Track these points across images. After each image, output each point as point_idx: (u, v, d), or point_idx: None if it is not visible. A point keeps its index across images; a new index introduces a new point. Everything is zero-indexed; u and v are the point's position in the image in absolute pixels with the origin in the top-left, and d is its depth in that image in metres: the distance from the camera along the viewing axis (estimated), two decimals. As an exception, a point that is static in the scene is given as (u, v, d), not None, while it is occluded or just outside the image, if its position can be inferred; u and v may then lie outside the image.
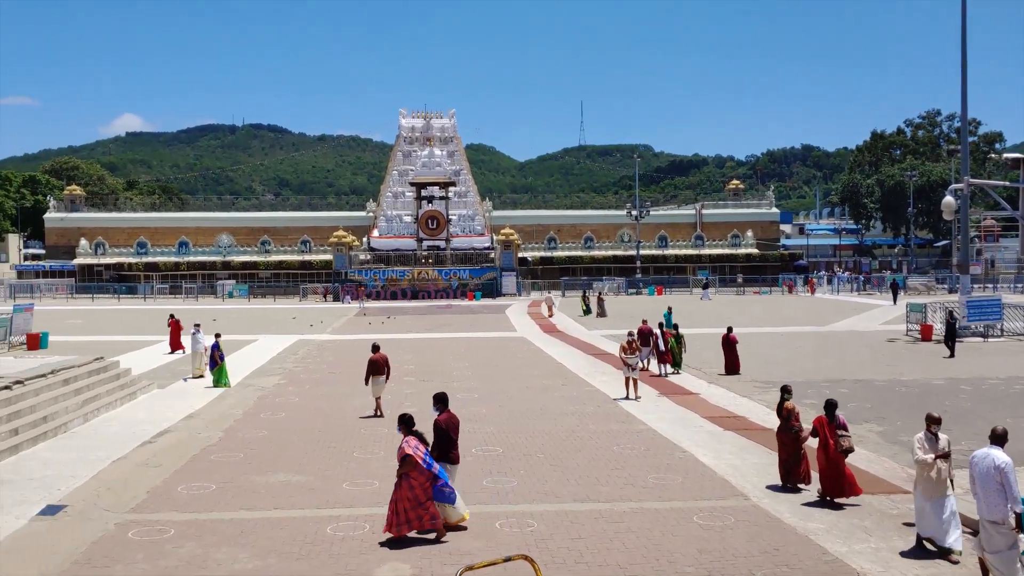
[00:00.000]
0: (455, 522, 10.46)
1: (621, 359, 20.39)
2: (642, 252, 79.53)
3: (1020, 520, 8.30)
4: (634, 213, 78.19)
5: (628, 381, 20.07)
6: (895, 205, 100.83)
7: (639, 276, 75.40)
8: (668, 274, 79.03)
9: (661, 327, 25.20)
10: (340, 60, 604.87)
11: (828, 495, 11.54)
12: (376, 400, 18.34)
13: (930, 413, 10.12)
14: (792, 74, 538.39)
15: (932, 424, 9.91)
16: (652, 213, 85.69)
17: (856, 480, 11.70)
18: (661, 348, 24.05)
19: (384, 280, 68.50)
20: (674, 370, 24.26)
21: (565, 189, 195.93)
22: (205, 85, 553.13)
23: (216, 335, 23.43)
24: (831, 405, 11.84)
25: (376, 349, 18.98)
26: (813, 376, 22.74)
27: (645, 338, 23.98)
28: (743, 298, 64.70)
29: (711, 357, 27.27)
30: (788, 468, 12.28)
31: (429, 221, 73.52)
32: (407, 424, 10.59)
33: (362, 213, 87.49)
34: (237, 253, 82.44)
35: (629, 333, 21.24)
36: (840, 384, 21.49)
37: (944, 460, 9.72)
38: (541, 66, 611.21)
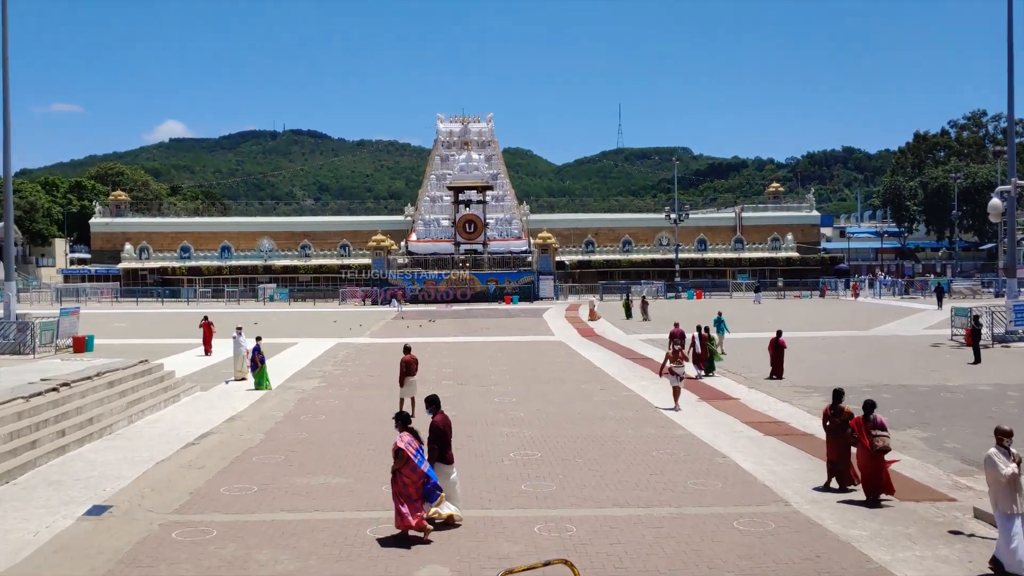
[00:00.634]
0: (446, 516, 10.60)
1: (667, 369, 19.44)
2: (681, 256, 79.06)
3: None
4: (673, 216, 77.75)
5: (676, 391, 19.26)
6: (939, 207, 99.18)
7: (678, 280, 74.95)
8: (707, 278, 78.52)
9: (698, 329, 25.11)
10: (379, 65, 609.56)
11: (869, 494, 11.71)
12: (411, 400, 18.44)
13: (1000, 426, 9.62)
14: (833, 75, 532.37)
15: (1004, 437, 9.46)
16: (691, 216, 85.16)
17: (892, 480, 11.83)
18: (698, 351, 24.25)
19: (422, 284, 68.82)
20: (707, 373, 24.39)
21: (603, 192, 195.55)
22: (247, 91, 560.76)
23: (257, 338, 23.70)
24: (868, 406, 11.99)
25: (408, 350, 19.11)
26: (855, 381, 22.41)
27: (678, 341, 24.35)
28: (783, 302, 64.00)
29: (751, 361, 27.04)
30: (837, 469, 12.42)
31: (466, 225, 73.75)
32: (403, 421, 10.83)
33: (400, 217, 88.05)
34: (278, 257, 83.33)
35: (673, 340, 20.70)
36: (883, 389, 21.17)
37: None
38: (579, 69, 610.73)
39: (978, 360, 26.42)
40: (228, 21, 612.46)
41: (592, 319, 46.56)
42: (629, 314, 48.67)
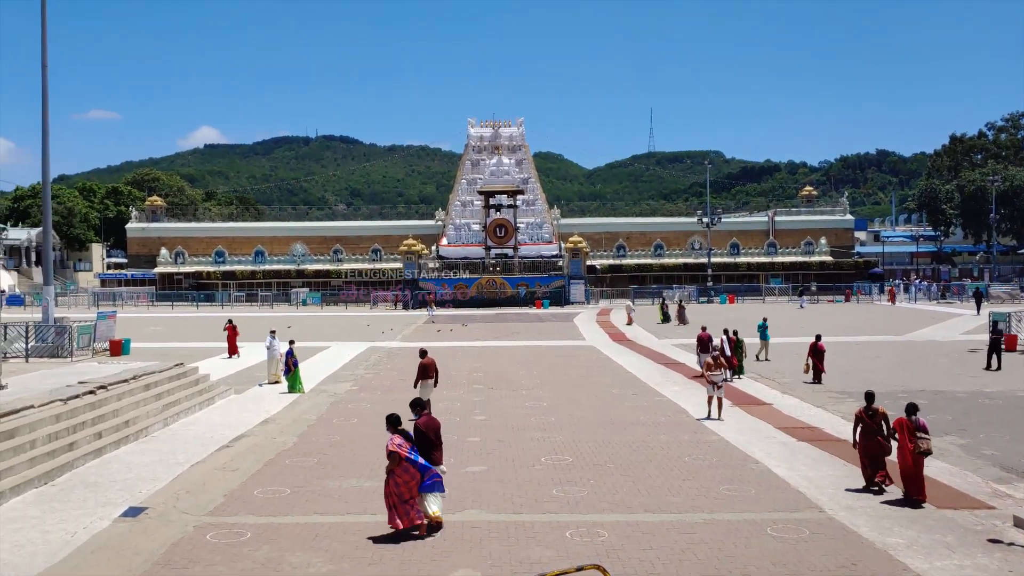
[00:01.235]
0: (432, 517, 10.71)
1: (705, 377, 19.00)
2: (713, 260, 78.60)
3: None
4: (705, 220, 77.29)
5: (711, 399, 18.64)
6: (976, 211, 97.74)
7: (710, 284, 74.50)
8: (740, 282, 77.99)
9: (725, 333, 25.03)
10: (410, 71, 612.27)
11: (908, 495, 11.84)
12: (427, 403, 18.58)
13: None
14: (867, 78, 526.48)
15: None
16: (723, 220, 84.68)
17: (925, 486, 12.00)
18: (727, 353, 24.01)
19: (452, 288, 69.01)
20: (736, 376, 24.38)
21: (634, 196, 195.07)
22: (280, 98, 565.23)
23: (290, 342, 23.88)
24: (911, 408, 12.25)
25: (424, 354, 19.31)
26: (891, 387, 22.13)
27: (705, 345, 24.90)
28: (818, 307, 63.33)
29: (784, 367, 26.83)
30: (874, 470, 12.50)
31: (497, 229, 73.82)
32: (393, 423, 11.10)
33: (431, 222, 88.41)
34: (311, 262, 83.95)
35: (714, 347, 20.27)
36: (919, 395, 20.85)
37: None
38: (610, 73, 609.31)
39: (999, 367, 25.83)
40: (261, 29, 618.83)
41: (629, 323, 46.57)
42: (666, 318, 48.53)
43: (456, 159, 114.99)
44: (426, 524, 10.63)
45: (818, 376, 23.79)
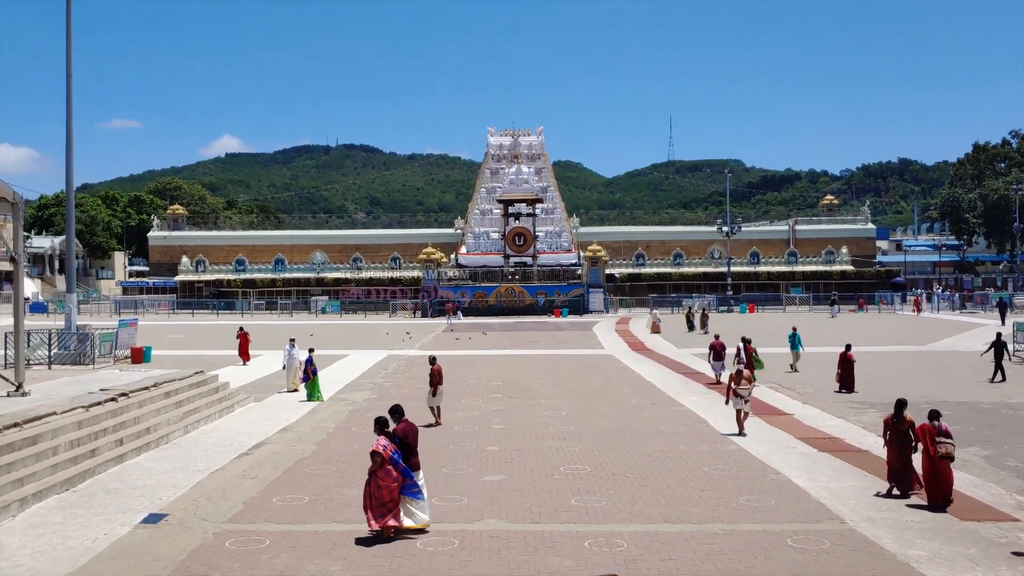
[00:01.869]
0: (417, 526, 10.90)
1: (731, 390, 17.89)
2: (733, 269, 78.27)
3: None
4: (725, 229, 77.05)
5: (739, 414, 17.79)
6: (999, 220, 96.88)
7: (730, 293, 74.16)
8: (760, 291, 77.59)
9: (742, 340, 25.03)
10: (430, 80, 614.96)
11: (931, 501, 11.97)
12: (437, 409, 19.08)
13: None
14: (889, 86, 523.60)
15: None
16: (743, 229, 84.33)
17: (952, 489, 12.16)
18: (743, 361, 24.11)
19: (471, 296, 69.06)
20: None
21: (653, 205, 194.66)
22: (300, 107, 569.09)
23: (310, 350, 23.97)
24: (934, 414, 12.49)
25: (433, 361, 19.58)
26: (914, 397, 21.80)
27: (718, 353, 25.50)
28: (839, 316, 62.85)
29: (806, 377, 26.66)
30: (899, 476, 12.66)
31: (516, 238, 73.86)
32: (381, 425, 11.37)
33: (450, 230, 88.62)
34: (330, 270, 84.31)
35: (738, 360, 19.40)
36: (942, 405, 20.47)
37: None
38: (629, 82, 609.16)
39: (1003, 378, 25.41)
40: (282, 39, 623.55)
41: (654, 331, 46.60)
42: (692, 327, 48.51)
43: (475, 168, 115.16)
44: (393, 528, 10.81)
45: (846, 387, 23.65)
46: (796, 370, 28.18)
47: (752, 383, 18.40)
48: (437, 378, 19.09)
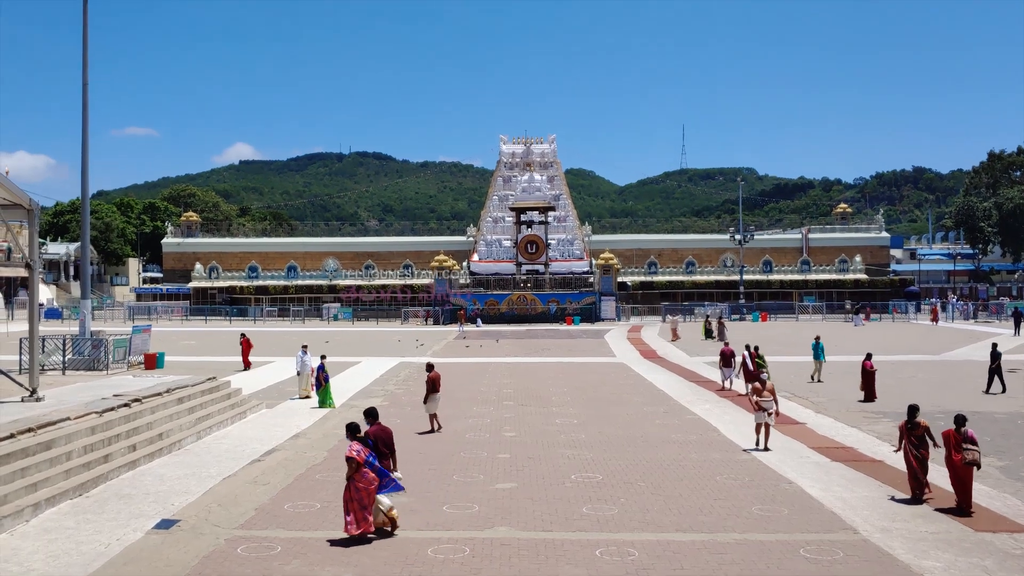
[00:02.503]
0: (384, 518, 11.23)
1: (754, 403, 17.21)
2: (746, 277, 78.00)
3: None
4: (737, 237, 76.82)
5: (760, 427, 17.13)
6: (1015, 228, 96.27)
7: (742, 302, 73.91)
8: (772, 300, 77.30)
9: (747, 348, 25.40)
10: (443, 88, 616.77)
11: (959, 504, 12.28)
12: (434, 416, 19.20)
13: None
14: (903, 94, 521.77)
15: None
16: (756, 237, 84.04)
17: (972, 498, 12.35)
18: (750, 368, 24.62)
19: (483, 304, 69.06)
20: None
21: (666, 213, 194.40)
22: (314, 115, 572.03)
23: (322, 357, 24.02)
24: (959, 420, 12.67)
25: (430, 368, 19.68)
26: (928, 407, 21.75)
27: (727, 360, 25.94)
28: (851, 325, 62.56)
29: (820, 387, 26.52)
30: (918, 481, 12.85)
31: (528, 245, 73.85)
32: (352, 431, 11.66)
33: (463, 238, 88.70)
34: (342, 277, 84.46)
35: (744, 367, 18.75)
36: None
37: None
38: (642, 90, 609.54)
39: (1004, 389, 25.00)
40: (295, 48, 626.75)
41: (674, 339, 46.70)
42: (710, 335, 48.48)
43: (488, 175, 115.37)
44: (374, 527, 11.11)
45: (869, 396, 23.60)
46: (820, 380, 27.65)
47: (774, 395, 17.31)
48: (433, 385, 19.15)
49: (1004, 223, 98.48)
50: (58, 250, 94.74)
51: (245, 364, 32.14)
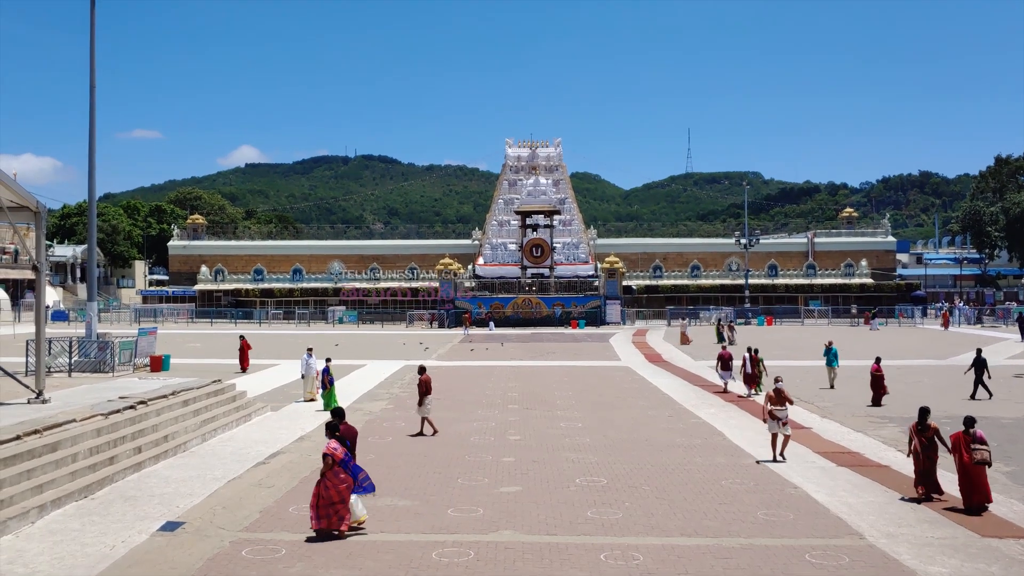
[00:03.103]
0: (357, 521, 11.48)
1: (768, 412, 16.28)
2: (751, 281, 77.93)
3: None
4: (743, 241, 76.77)
5: (775, 438, 16.37)
6: (1022, 233, 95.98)
7: (748, 306, 73.81)
8: (778, 304, 77.20)
9: (748, 350, 25.92)
10: (449, 91, 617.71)
11: (968, 506, 12.33)
12: (427, 419, 19.26)
13: None
14: (909, 98, 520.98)
15: None
16: (762, 242, 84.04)
17: (989, 491, 12.57)
18: (748, 371, 25.35)
19: (488, 307, 69.08)
20: (756, 391, 25.20)
21: (671, 217, 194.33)
22: (319, 118, 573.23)
23: (327, 359, 24.03)
24: (968, 421, 12.85)
25: (422, 371, 19.70)
26: (934, 412, 21.58)
27: (726, 363, 26.62)
28: (857, 330, 62.44)
29: (827, 392, 26.46)
30: (926, 481, 13.01)
31: (533, 249, 73.90)
32: (331, 430, 12.09)
33: (468, 241, 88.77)
34: (348, 280, 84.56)
35: (776, 379, 17.80)
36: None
37: None
38: (648, 94, 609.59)
39: (990, 395, 24.69)
40: (300, 50, 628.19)
41: (684, 342, 46.85)
42: (721, 339, 48.45)
43: (493, 179, 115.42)
44: (348, 527, 11.31)
45: (874, 400, 23.61)
46: (833, 387, 27.01)
47: (787, 405, 16.44)
48: (424, 388, 19.18)
49: (1011, 228, 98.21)
50: (65, 252, 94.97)
51: (243, 366, 32.12)
